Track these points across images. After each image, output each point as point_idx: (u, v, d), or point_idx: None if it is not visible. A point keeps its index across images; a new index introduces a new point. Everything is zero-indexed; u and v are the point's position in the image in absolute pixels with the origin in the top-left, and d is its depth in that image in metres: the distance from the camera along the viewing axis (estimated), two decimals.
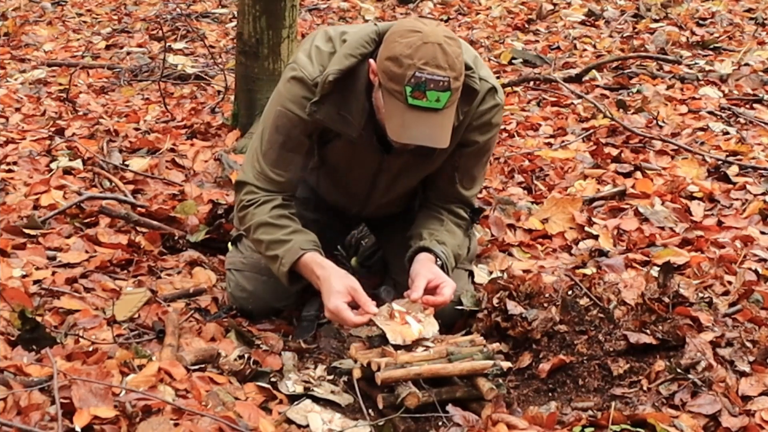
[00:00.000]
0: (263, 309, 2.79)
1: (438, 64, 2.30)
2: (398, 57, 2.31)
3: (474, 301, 2.77)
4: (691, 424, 2.24)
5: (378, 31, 2.50)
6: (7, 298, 2.59)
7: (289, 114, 2.56)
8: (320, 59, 2.54)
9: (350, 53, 2.49)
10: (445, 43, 2.32)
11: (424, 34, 2.32)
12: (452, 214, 2.78)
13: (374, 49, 2.48)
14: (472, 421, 2.29)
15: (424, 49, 2.30)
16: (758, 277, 2.98)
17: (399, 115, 2.35)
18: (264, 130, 2.65)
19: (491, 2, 8.06)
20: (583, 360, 2.50)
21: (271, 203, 2.64)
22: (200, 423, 2.08)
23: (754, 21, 7.19)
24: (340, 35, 2.57)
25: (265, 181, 2.64)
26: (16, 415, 2.03)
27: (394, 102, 2.35)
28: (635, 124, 4.65)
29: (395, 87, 2.33)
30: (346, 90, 2.51)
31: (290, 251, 2.56)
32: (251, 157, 2.68)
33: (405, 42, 2.32)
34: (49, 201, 3.51)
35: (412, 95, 2.31)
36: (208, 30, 7.21)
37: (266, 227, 2.61)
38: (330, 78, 2.47)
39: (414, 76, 2.29)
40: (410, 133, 2.36)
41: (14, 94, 5.35)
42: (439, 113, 2.34)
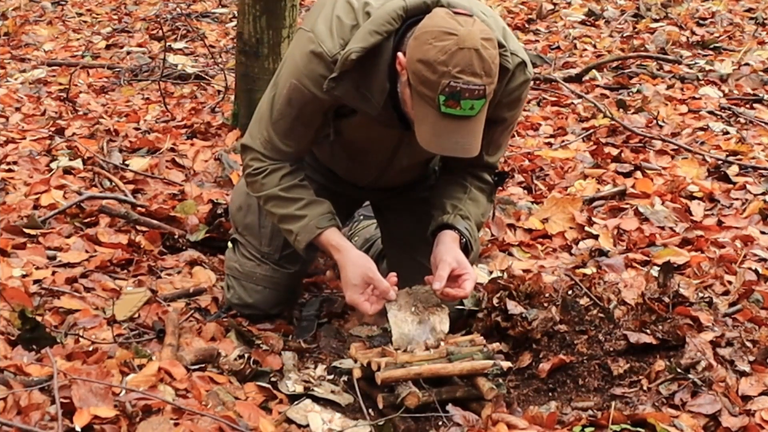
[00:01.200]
0: (260, 317, 2.79)
1: (474, 71, 2.17)
2: (432, 62, 2.17)
3: (474, 301, 2.77)
4: (691, 424, 2.24)
5: (405, 7, 2.32)
6: (7, 297, 2.59)
7: (304, 90, 2.43)
8: (341, 32, 2.37)
9: (375, 29, 2.31)
10: (482, 47, 2.18)
11: (460, 38, 2.17)
12: (476, 178, 2.67)
13: (400, 26, 2.32)
14: (472, 420, 2.29)
15: (459, 55, 2.16)
16: (758, 277, 2.98)
17: (430, 122, 2.24)
18: (275, 98, 2.51)
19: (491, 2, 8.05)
20: (583, 360, 2.50)
21: (279, 172, 2.55)
22: (200, 423, 2.08)
23: (754, 21, 7.19)
24: (363, 6, 2.38)
25: (273, 150, 2.54)
26: (16, 414, 2.03)
27: (425, 107, 2.23)
28: (635, 124, 4.65)
29: (427, 92, 2.20)
30: (368, 68, 2.35)
31: (305, 229, 2.51)
32: (259, 123, 2.57)
33: (440, 46, 2.17)
34: (49, 201, 3.50)
35: (445, 104, 2.19)
36: (208, 30, 7.20)
37: (277, 200, 2.54)
38: (352, 56, 2.31)
39: (449, 86, 2.17)
40: (442, 143, 2.27)
41: (14, 94, 5.35)
42: (471, 120, 2.24)
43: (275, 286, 2.76)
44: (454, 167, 2.70)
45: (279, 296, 2.77)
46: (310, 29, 2.43)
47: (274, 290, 2.76)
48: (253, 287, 2.77)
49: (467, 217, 2.59)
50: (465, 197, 2.64)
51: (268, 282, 2.76)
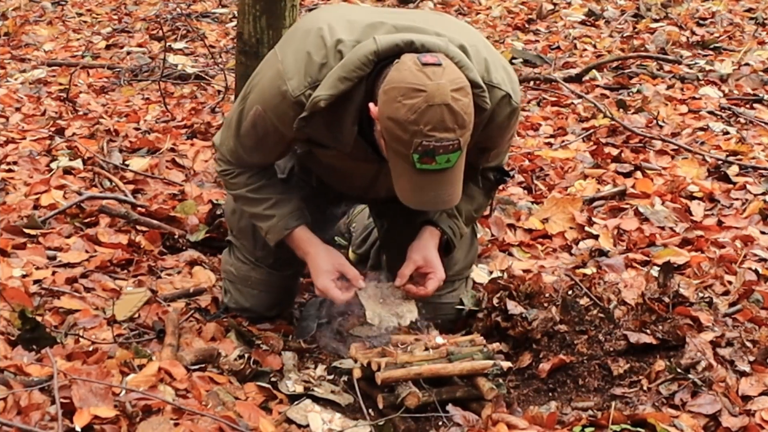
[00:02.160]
0: (256, 319, 2.79)
1: (446, 127, 2.11)
2: (402, 122, 2.11)
3: (474, 301, 2.77)
4: (691, 424, 2.24)
5: (377, 51, 2.23)
6: (7, 297, 2.59)
7: (268, 121, 2.41)
8: (310, 69, 2.30)
9: (345, 76, 2.24)
10: (452, 100, 2.11)
11: (429, 94, 2.09)
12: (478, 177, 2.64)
13: (372, 70, 2.24)
14: (472, 420, 2.29)
15: (430, 113, 2.09)
16: (758, 277, 2.98)
17: (407, 177, 2.20)
18: (243, 113, 2.47)
19: (491, 2, 8.05)
20: (583, 360, 2.50)
21: (245, 174, 2.57)
22: (200, 423, 2.08)
23: (754, 21, 7.19)
24: (335, 45, 2.30)
25: (239, 160, 2.56)
26: (16, 414, 2.03)
27: (400, 162, 2.19)
28: (635, 124, 4.65)
29: (401, 150, 2.15)
30: (338, 109, 2.30)
31: (274, 228, 2.55)
32: (228, 130, 2.56)
33: (408, 104, 2.10)
34: (49, 201, 3.50)
35: (420, 161, 2.14)
36: (208, 30, 7.20)
37: (245, 200, 2.59)
38: (321, 104, 2.25)
39: (422, 144, 2.11)
40: (421, 198, 2.24)
41: (14, 94, 5.35)
42: (449, 171, 2.19)
43: (270, 289, 2.76)
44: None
45: (275, 299, 2.78)
46: (281, 59, 2.37)
47: (269, 293, 2.77)
48: (249, 291, 2.77)
49: (454, 215, 2.59)
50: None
51: (264, 285, 2.76)
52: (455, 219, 2.60)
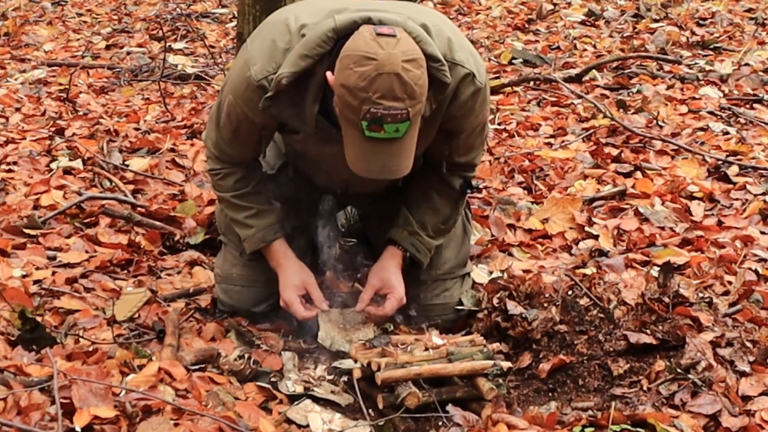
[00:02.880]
0: (248, 317, 2.78)
1: (395, 95, 2.15)
2: (352, 88, 2.16)
3: (474, 301, 2.77)
4: (691, 424, 2.24)
5: (336, 28, 2.29)
6: (7, 298, 2.59)
7: (239, 110, 2.49)
8: (273, 56, 2.38)
9: (306, 53, 2.31)
10: (402, 70, 2.16)
11: (379, 62, 2.15)
12: (444, 185, 2.68)
13: (332, 47, 2.30)
14: (472, 421, 2.29)
15: (379, 80, 2.14)
16: (758, 277, 2.98)
17: (356, 145, 2.25)
18: (221, 104, 2.56)
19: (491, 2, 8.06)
20: (583, 360, 2.50)
21: (233, 176, 2.64)
22: (200, 423, 2.08)
23: (754, 21, 7.19)
24: (299, 29, 2.37)
25: (222, 152, 2.63)
26: (16, 415, 2.03)
27: (351, 129, 2.24)
28: (635, 124, 4.65)
29: (351, 117, 2.20)
30: (300, 88, 2.37)
31: (252, 239, 2.65)
32: (211, 123, 2.64)
33: (359, 71, 2.15)
34: (49, 201, 3.51)
35: (368, 128, 2.19)
36: (208, 30, 7.21)
37: (229, 204, 2.68)
38: (284, 81, 2.32)
39: (370, 111, 2.16)
40: (368, 166, 2.28)
41: (14, 94, 5.35)
42: (398, 141, 2.22)
43: (252, 283, 2.76)
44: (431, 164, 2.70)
45: (258, 293, 2.76)
46: (248, 49, 2.46)
47: (252, 287, 2.76)
48: (232, 288, 2.78)
49: (416, 233, 2.68)
50: (425, 206, 2.71)
51: (245, 280, 2.77)
52: (417, 236, 2.68)
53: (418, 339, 2.48)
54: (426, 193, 2.71)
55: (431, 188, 2.71)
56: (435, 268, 2.79)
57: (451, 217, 2.75)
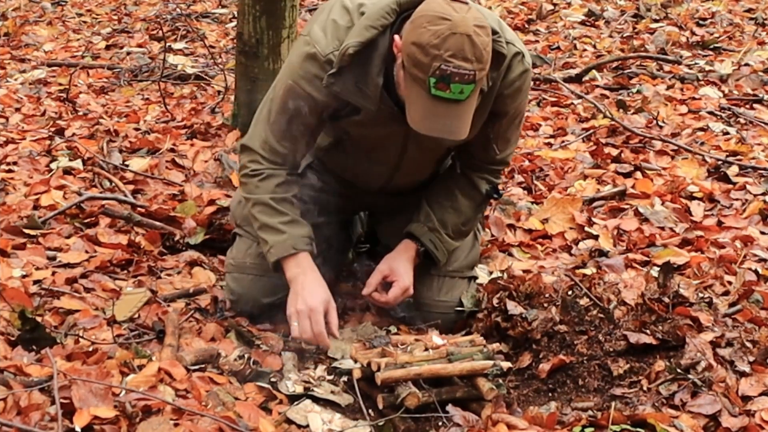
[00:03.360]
0: (257, 308, 2.77)
1: (465, 56, 2.23)
2: (424, 45, 2.24)
3: (474, 302, 2.77)
4: (691, 424, 2.24)
5: (399, 1, 2.42)
6: (7, 298, 2.59)
7: (300, 91, 2.51)
8: (337, 33, 2.47)
9: (371, 24, 2.41)
10: (474, 33, 2.25)
11: (453, 23, 2.24)
12: (470, 186, 2.74)
13: (395, 20, 2.42)
14: (472, 421, 2.29)
15: (452, 39, 2.23)
16: (758, 277, 2.98)
17: (420, 103, 2.31)
18: (273, 100, 2.60)
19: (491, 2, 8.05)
20: (583, 360, 2.50)
21: (274, 179, 2.61)
22: (200, 423, 2.08)
23: (754, 21, 7.19)
24: (358, 7, 2.49)
25: (270, 151, 2.61)
26: (16, 415, 2.03)
27: (416, 88, 2.30)
28: (635, 124, 4.66)
29: (419, 74, 2.27)
30: (364, 63, 2.44)
31: (282, 245, 2.58)
32: (258, 124, 2.64)
33: (433, 30, 2.24)
34: (49, 201, 3.50)
35: (435, 86, 2.25)
36: (208, 30, 7.20)
37: (264, 207, 2.61)
38: (350, 50, 2.40)
39: (440, 69, 2.23)
40: (430, 124, 2.33)
41: (14, 94, 5.35)
42: (461, 104, 2.29)
43: (265, 272, 2.74)
44: (459, 165, 2.75)
45: (270, 284, 2.75)
46: (306, 33, 2.53)
47: (264, 277, 2.75)
48: (244, 277, 2.77)
49: (436, 229, 2.70)
50: (448, 205, 2.73)
51: (258, 269, 2.76)
52: (437, 233, 2.70)
53: (418, 339, 2.48)
54: (451, 191, 2.74)
55: (456, 188, 2.74)
56: (445, 265, 2.81)
57: (472, 219, 2.78)
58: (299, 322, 2.53)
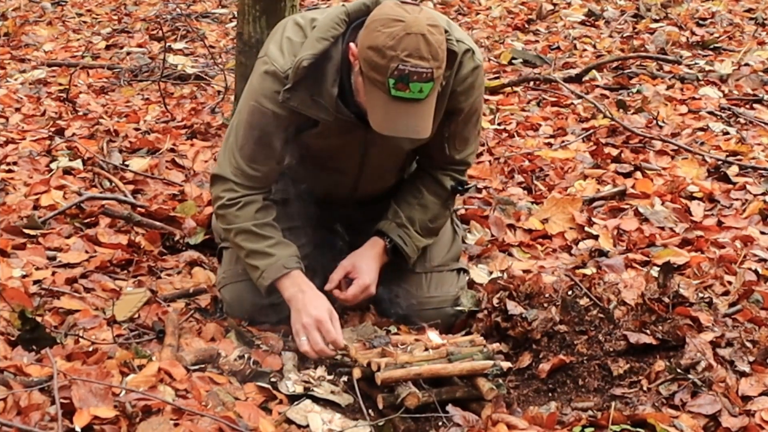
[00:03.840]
0: (257, 311, 2.75)
1: (421, 55, 2.26)
2: (381, 48, 2.27)
3: (474, 301, 2.77)
4: (691, 424, 2.24)
5: (347, 11, 2.47)
6: (7, 298, 2.59)
7: (263, 109, 2.53)
8: (292, 50, 2.50)
9: (322, 36, 2.45)
10: (428, 32, 2.28)
11: (406, 24, 2.28)
12: (435, 183, 2.76)
13: (346, 29, 2.46)
14: (472, 421, 2.29)
15: (407, 40, 2.26)
16: (758, 277, 2.98)
17: (381, 105, 2.33)
18: (239, 125, 2.61)
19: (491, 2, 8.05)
20: (583, 360, 2.50)
21: (253, 206, 2.61)
22: (200, 423, 2.08)
23: (754, 21, 7.19)
24: (310, 23, 2.53)
25: (243, 176, 2.61)
26: (16, 415, 2.03)
27: (376, 92, 2.32)
28: (635, 124, 4.65)
29: (378, 77, 2.29)
30: (318, 75, 2.47)
31: (273, 267, 2.57)
32: (227, 152, 2.65)
33: (387, 32, 2.27)
34: (49, 201, 3.50)
35: (395, 87, 2.28)
36: (208, 30, 7.20)
37: (248, 235, 2.60)
38: (304, 63, 2.43)
39: (397, 69, 2.26)
40: (393, 125, 2.35)
41: (14, 94, 5.35)
42: (421, 103, 2.32)
43: None
44: (421, 165, 2.79)
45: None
46: (264, 54, 2.56)
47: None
48: (239, 284, 2.76)
49: (404, 225, 2.71)
50: (414, 202, 2.75)
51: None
52: (405, 228, 2.71)
53: (418, 339, 2.48)
54: (417, 189, 2.76)
55: (422, 185, 2.77)
56: (428, 261, 2.83)
57: (439, 216, 2.79)
58: (309, 335, 2.49)
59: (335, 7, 2.52)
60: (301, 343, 2.50)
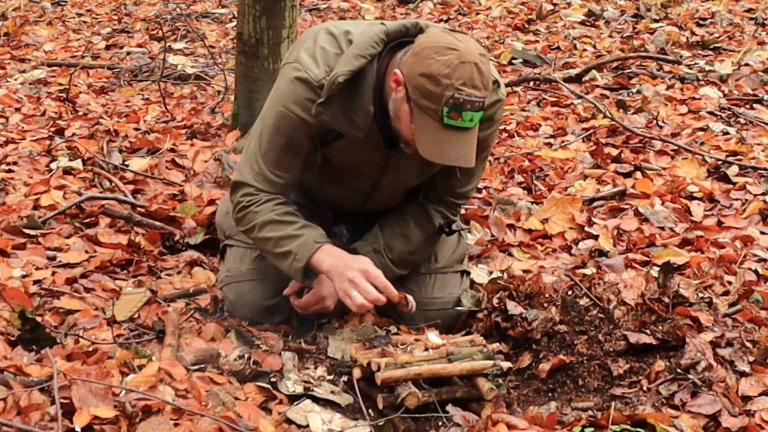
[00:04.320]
0: (259, 313, 2.75)
1: (475, 84, 2.28)
2: (435, 76, 2.27)
3: (474, 301, 2.77)
4: (691, 424, 2.24)
5: (386, 31, 2.45)
6: (7, 298, 2.59)
7: (292, 115, 2.51)
8: (326, 59, 2.47)
9: (360, 53, 2.43)
10: (480, 62, 2.30)
11: (461, 53, 2.28)
12: (424, 217, 2.74)
13: (382, 50, 2.45)
14: (472, 421, 2.29)
15: (461, 68, 2.27)
16: (758, 277, 2.98)
17: (432, 133, 2.33)
18: (263, 130, 2.60)
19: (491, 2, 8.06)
20: (583, 360, 2.50)
21: (272, 201, 2.60)
22: (200, 423, 2.08)
23: (754, 21, 7.19)
24: (345, 34, 2.51)
25: (265, 182, 2.60)
26: (16, 415, 2.03)
27: (426, 119, 2.32)
28: (635, 124, 4.66)
29: (430, 105, 2.30)
30: (353, 91, 2.45)
31: (304, 245, 2.53)
32: (249, 158, 2.63)
33: (442, 60, 2.28)
34: (49, 201, 3.50)
35: (448, 115, 2.29)
36: (208, 30, 7.21)
37: (273, 224, 2.58)
38: (340, 79, 2.41)
39: (453, 98, 2.26)
40: (444, 153, 2.35)
41: (14, 94, 5.35)
42: (469, 132, 2.33)
43: (263, 276, 2.74)
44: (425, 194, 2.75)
45: (269, 286, 2.75)
46: (293, 60, 2.53)
47: (262, 281, 2.74)
48: (242, 284, 2.76)
49: (380, 251, 2.69)
50: (398, 231, 2.73)
51: (255, 274, 2.76)
52: (381, 255, 2.69)
53: (418, 339, 2.48)
54: (404, 219, 2.74)
55: (410, 216, 2.75)
56: (433, 262, 2.83)
57: (419, 250, 2.77)
58: (359, 286, 2.44)
59: (373, 23, 2.50)
60: (353, 298, 2.44)
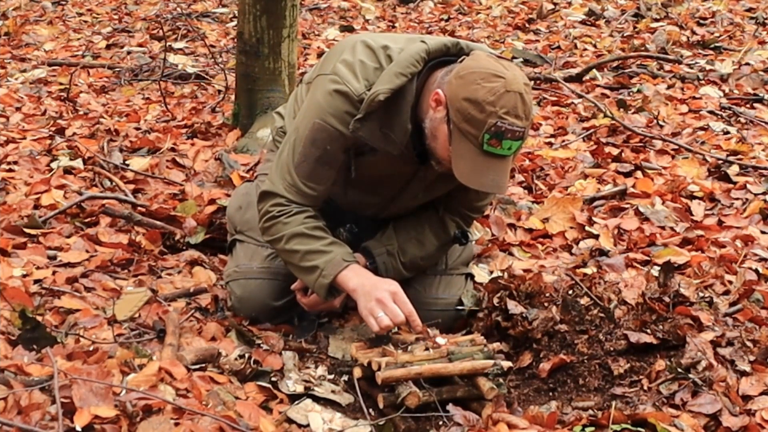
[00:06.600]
0: (265, 312, 2.76)
1: (518, 114, 2.29)
2: (480, 102, 2.27)
3: (474, 301, 2.77)
4: (692, 424, 2.24)
5: (428, 50, 2.45)
6: (7, 297, 2.59)
7: (329, 128, 2.48)
8: (365, 74, 2.47)
9: (401, 71, 2.42)
10: (524, 91, 2.31)
11: (507, 81, 2.29)
12: (439, 225, 2.75)
13: (422, 68, 2.44)
14: (473, 420, 2.29)
15: (506, 97, 2.28)
16: (759, 277, 2.98)
17: (470, 158, 2.33)
18: (296, 141, 2.55)
19: (491, 2, 8.06)
20: (584, 359, 2.50)
21: (303, 214, 2.57)
22: (201, 422, 2.08)
23: (754, 20, 7.20)
24: (383, 49, 2.50)
25: (297, 193, 2.57)
26: (17, 414, 2.03)
27: (465, 143, 2.32)
28: (636, 124, 4.66)
29: (471, 130, 2.30)
30: (392, 109, 2.44)
31: (332, 262, 2.51)
32: (281, 168, 2.59)
33: (488, 87, 2.28)
34: (49, 200, 3.50)
35: (488, 142, 2.29)
36: (209, 29, 7.21)
37: (301, 237, 2.55)
38: (380, 97, 2.40)
39: (495, 125, 2.27)
40: (480, 179, 2.35)
41: (15, 94, 5.35)
42: (506, 160, 2.34)
43: (273, 276, 2.74)
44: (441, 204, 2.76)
45: (279, 286, 2.75)
46: (331, 72, 2.51)
47: (273, 280, 2.74)
48: (251, 282, 2.75)
49: (393, 254, 2.68)
50: (413, 236, 2.72)
51: (266, 273, 2.75)
52: (393, 257, 2.69)
53: (419, 339, 2.48)
54: (420, 224, 2.74)
55: (427, 223, 2.75)
56: (440, 264, 2.82)
57: (432, 256, 2.77)
58: (385, 308, 2.43)
59: (415, 41, 2.49)
60: (379, 319, 2.43)
